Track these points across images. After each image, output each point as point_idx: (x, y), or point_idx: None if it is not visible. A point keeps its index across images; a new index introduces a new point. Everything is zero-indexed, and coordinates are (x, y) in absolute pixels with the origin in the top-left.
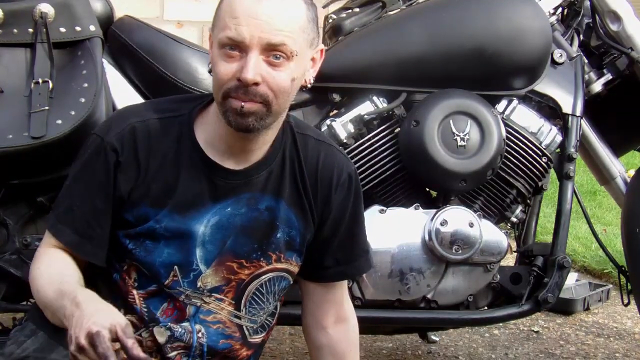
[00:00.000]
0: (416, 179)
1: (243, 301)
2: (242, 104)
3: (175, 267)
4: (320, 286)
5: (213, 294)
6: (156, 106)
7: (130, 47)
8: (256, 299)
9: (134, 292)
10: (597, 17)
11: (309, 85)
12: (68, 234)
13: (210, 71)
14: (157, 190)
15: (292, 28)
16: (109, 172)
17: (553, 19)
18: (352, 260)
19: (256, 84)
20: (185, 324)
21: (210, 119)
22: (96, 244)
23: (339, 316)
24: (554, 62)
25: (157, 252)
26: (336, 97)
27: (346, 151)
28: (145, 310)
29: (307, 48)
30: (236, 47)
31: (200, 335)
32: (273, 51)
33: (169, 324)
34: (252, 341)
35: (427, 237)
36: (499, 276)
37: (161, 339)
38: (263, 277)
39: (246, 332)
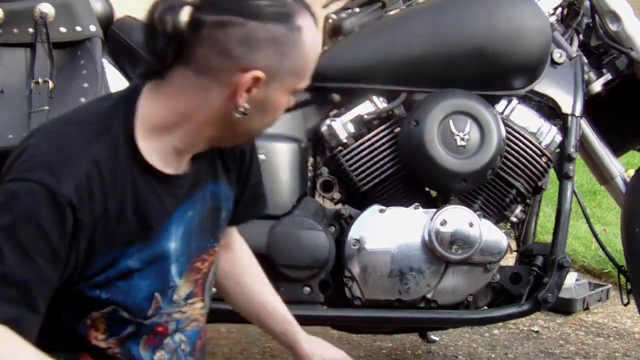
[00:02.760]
0: (416, 179)
1: (207, 292)
2: None
3: (156, 294)
4: None
5: (187, 301)
6: (89, 130)
7: (130, 47)
8: (212, 282)
9: (103, 346)
10: (596, 17)
11: None
12: (4, 308)
13: (244, 112)
14: (123, 231)
15: None
16: (65, 233)
17: (553, 19)
18: (258, 202)
19: None
20: (167, 340)
21: (155, 135)
22: (35, 319)
23: (226, 244)
24: (554, 62)
25: (135, 289)
26: (336, 97)
27: (346, 151)
28: (125, 354)
29: None
30: None
31: (183, 346)
32: None
33: (155, 358)
34: None
35: (427, 237)
36: (498, 276)
37: None
38: (215, 259)
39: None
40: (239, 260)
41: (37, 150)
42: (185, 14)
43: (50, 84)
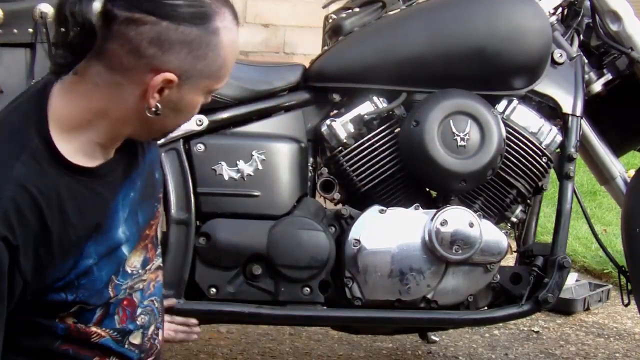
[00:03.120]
0: (416, 179)
1: (156, 249)
2: None
3: (112, 276)
4: None
5: (145, 268)
6: (4, 149)
7: None
8: (158, 237)
9: (84, 328)
10: (597, 17)
11: None
12: None
13: (157, 112)
14: (72, 237)
15: None
16: (2, 266)
17: (553, 19)
18: None
19: None
20: (140, 310)
21: (75, 134)
22: None
23: None
24: (554, 62)
25: (97, 282)
26: (336, 97)
27: (346, 151)
28: (111, 332)
29: None
30: None
31: (156, 304)
32: None
33: (137, 322)
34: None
35: (427, 237)
36: (499, 276)
37: (137, 340)
38: (159, 218)
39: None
40: None
41: None
42: (98, 6)
43: None
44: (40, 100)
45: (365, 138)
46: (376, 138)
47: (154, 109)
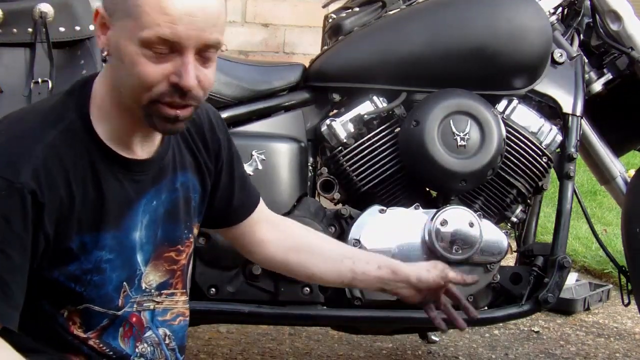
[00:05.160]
0: (416, 179)
1: (187, 283)
2: (178, 112)
3: (124, 283)
4: (240, 225)
5: (162, 291)
6: (42, 119)
7: None
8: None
9: (84, 336)
10: (597, 17)
11: None
12: None
13: (104, 61)
14: (88, 216)
15: (222, 20)
16: (27, 219)
17: (553, 18)
18: (249, 188)
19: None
20: (149, 333)
21: (106, 113)
22: (13, 305)
23: (269, 225)
24: (554, 62)
25: (107, 283)
26: (336, 97)
27: (346, 151)
28: (106, 348)
29: None
30: (166, 46)
31: (167, 341)
32: (207, 50)
33: (137, 349)
34: None
35: (427, 237)
36: (499, 276)
37: None
38: (192, 250)
39: None
40: (299, 235)
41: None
42: None
43: (50, 84)
44: (83, 85)
45: (365, 138)
46: (376, 138)
47: (105, 52)
